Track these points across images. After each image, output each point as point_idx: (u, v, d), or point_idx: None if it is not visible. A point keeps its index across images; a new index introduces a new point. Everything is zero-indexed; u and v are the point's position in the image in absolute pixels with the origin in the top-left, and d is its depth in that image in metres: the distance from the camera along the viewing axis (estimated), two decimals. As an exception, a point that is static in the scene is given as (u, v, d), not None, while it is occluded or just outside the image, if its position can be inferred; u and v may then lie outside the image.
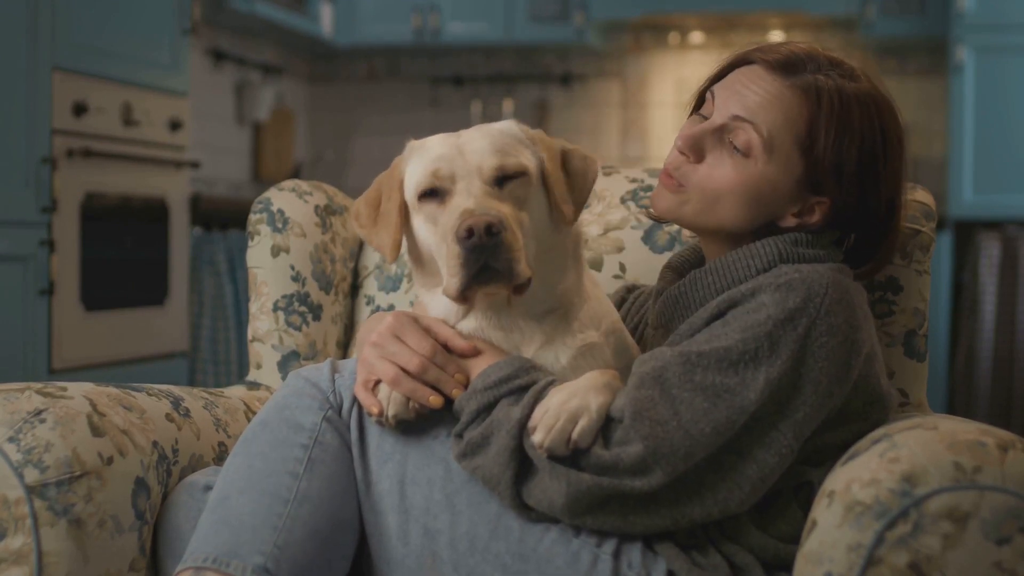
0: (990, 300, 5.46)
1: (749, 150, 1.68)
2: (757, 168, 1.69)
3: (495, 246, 1.55)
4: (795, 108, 1.68)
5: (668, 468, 1.51)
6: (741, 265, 1.70)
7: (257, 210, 2.25)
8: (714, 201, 1.71)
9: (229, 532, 1.55)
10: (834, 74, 1.70)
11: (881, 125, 1.71)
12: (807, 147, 1.68)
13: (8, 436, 1.62)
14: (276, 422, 1.65)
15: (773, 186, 1.69)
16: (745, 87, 1.72)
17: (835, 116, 1.67)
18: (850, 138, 1.68)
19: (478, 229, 1.54)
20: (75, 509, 1.61)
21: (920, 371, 1.98)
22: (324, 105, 7.38)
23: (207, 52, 6.08)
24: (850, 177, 1.68)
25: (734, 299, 1.62)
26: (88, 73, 4.16)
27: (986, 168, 5.56)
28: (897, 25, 6.18)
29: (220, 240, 5.07)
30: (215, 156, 6.04)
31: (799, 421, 1.56)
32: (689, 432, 1.52)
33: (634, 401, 1.54)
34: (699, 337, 1.61)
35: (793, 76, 1.70)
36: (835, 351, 1.57)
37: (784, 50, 1.73)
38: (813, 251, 1.70)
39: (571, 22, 6.57)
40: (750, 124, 1.69)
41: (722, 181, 1.70)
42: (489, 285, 1.58)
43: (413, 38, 6.76)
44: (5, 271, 3.80)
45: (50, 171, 3.93)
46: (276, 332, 2.21)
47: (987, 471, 1.43)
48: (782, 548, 1.61)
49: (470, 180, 1.62)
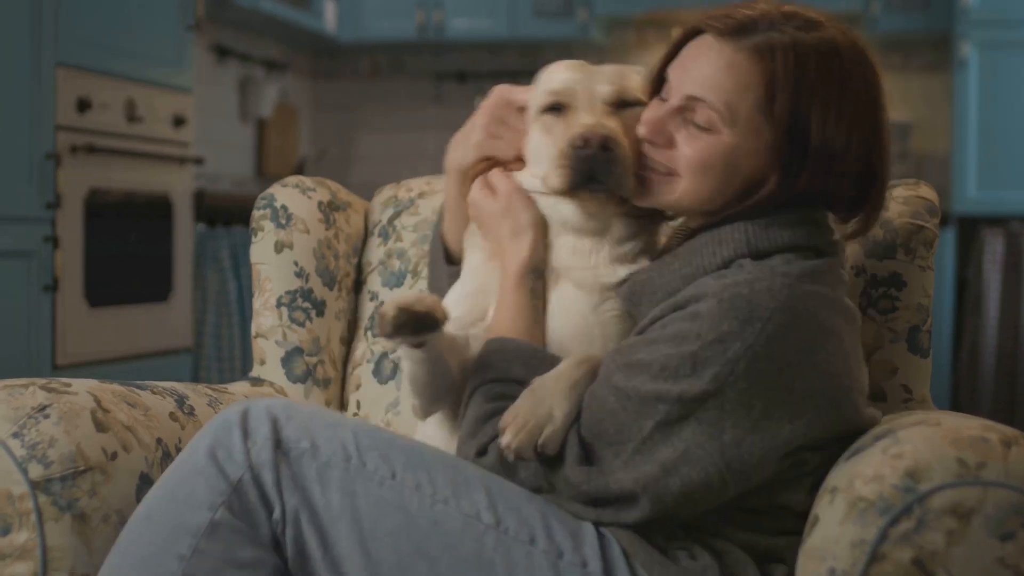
0: (994, 296, 5.46)
1: (712, 125, 1.63)
2: (724, 140, 1.63)
3: (606, 160, 1.68)
4: (749, 73, 1.62)
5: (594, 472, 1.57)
6: (707, 252, 1.65)
7: (261, 206, 2.25)
8: (701, 177, 1.65)
9: None
10: (789, 28, 1.63)
11: (843, 67, 1.63)
12: (768, 111, 1.62)
13: (12, 432, 1.62)
14: (160, 519, 1.52)
15: (747, 154, 1.63)
16: (695, 61, 1.66)
17: (791, 72, 1.60)
18: (808, 90, 1.61)
19: (594, 140, 1.67)
20: (79, 504, 1.62)
21: (924, 367, 1.97)
22: (328, 101, 7.38)
23: (211, 48, 6.08)
24: (814, 129, 1.61)
25: (678, 304, 1.60)
26: (92, 69, 4.16)
27: (990, 164, 5.56)
28: (901, 21, 6.17)
29: (224, 236, 5.07)
30: (219, 152, 6.04)
31: (727, 443, 1.52)
32: (602, 429, 1.57)
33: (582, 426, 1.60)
34: (634, 340, 1.62)
35: (744, 39, 1.63)
36: (773, 376, 1.52)
37: (736, 14, 1.65)
38: (788, 232, 1.64)
39: (575, 18, 6.57)
40: (704, 102, 1.63)
41: (700, 156, 1.64)
42: (594, 192, 1.70)
43: (417, 34, 6.76)
44: (9, 267, 3.80)
45: (54, 167, 3.94)
46: (280, 328, 2.21)
47: (991, 467, 1.43)
48: (773, 541, 1.60)
49: (592, 100, 1.75)
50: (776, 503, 1.60)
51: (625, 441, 1.55)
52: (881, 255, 1.96)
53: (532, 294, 1.76)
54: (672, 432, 1.53)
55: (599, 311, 1.76)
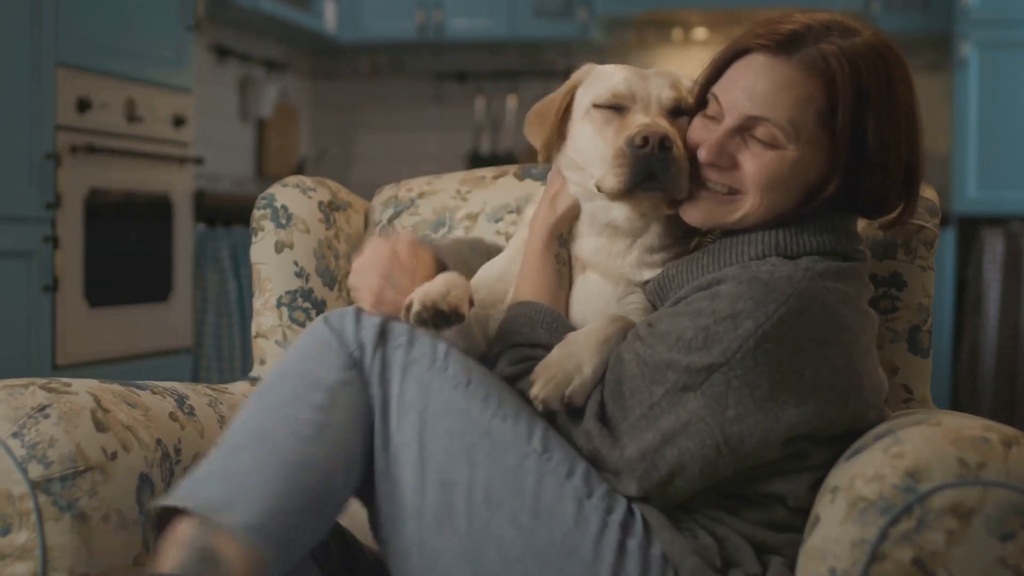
0: (994, 296, 5.46)
1: (775, 141, 1.65)
2: (789, 155, 1.65)
3: (664, 159, 1.69)
4: (809, 87, 1.64)
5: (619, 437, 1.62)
6: (737, 251, 1.69)
7: (261, 206, 2.25)
8: (770, 192, 1.67)
9: (227, 485, 1.53)
10: (834, 37, 1.66)
11: (887, 71, 1.66)
12: (828, 119, 1.64)
13: (12, 431, 1.62)
14: (294, 375, 1.63)
15: (809, 167, 1.66)
16: (749, 80, 1.68)
17: (848, 81, 1.63)
18: (867, 96, 1.64)
19: (654, 139, 1.69)
20: (79, 504, 1.62)
21: (924, 367, 1.98)
22: (328, 101, 7.38)
23: (211, 48, 6.08)
24: (871, 133, 1.64)
25: (701, 285, 1.64)
26: (92, 69, 4.16)
27: (990, 164, 5.56)
28: (901, 21, 6.16)
29: (224, 236, 5.07)
30: (219, 152, 6.04)
31: (729, 419, 1.55)
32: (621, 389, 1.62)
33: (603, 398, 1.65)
34: (661, 312, 1.67)
35: (795, 53, 1.65)
36: (782, 359, 1.55)
37: (781, 29, 1.68)
38: (817, 238, 1.67)
39: (575, 18, 6.56)
40: (766, 120, 1.65)
41: (768, 173, 1.66)
42: (650, 191, 1.71)
43: (417, 34, 6.75)
44: (9, 267, 3.80)
45: (54, 167, 3.93)
46: (280, 328, 2.21)
47: (991, 467, 1.44)
48: (770, 536, 1.61)
49: (648, 103, 1.77)
50: (769, 491, 1.62)
51: (635, 406, 1.60)
52: (881, 255, 1.96)
53: (558, 259, 1.81)
54: (678, 401, 1.57)
55: (623, 302, 1.79)
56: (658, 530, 1.57)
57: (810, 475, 1.61)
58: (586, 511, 1.57)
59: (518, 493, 1.58)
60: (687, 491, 1.60)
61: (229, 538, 1.48)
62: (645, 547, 1.56)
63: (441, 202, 2.31)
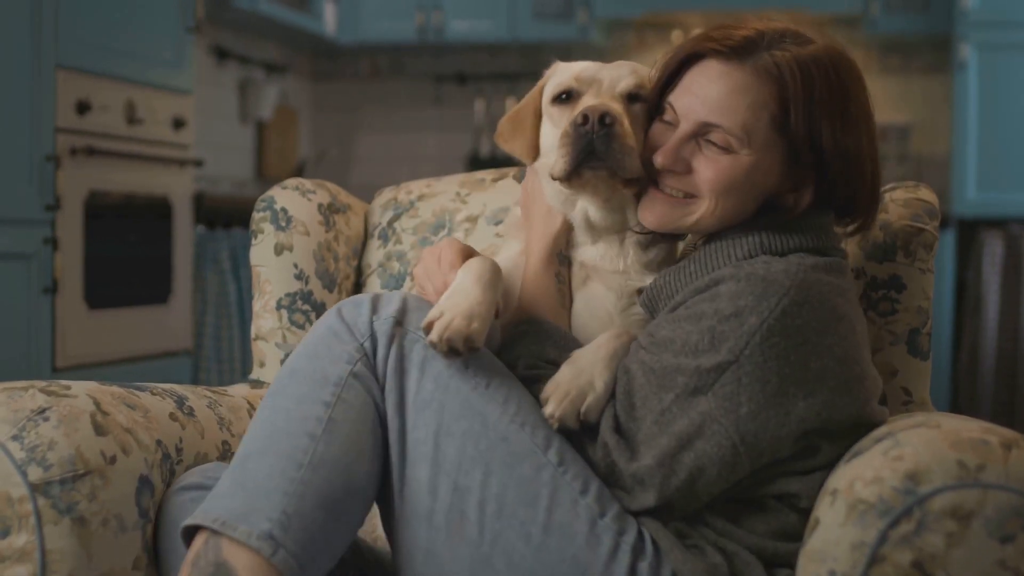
0: (993, 298, 5.46)
1: (729, 146, 1.67)
2: (743, 159, 1.67)
3: (605, 136, 1.69)
4: (763, 93, 1.66)
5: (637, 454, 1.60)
6: (723, 254, 1.70)
7: (260, 208, 2.25)
8: (724, 197, 1.69)
9: (243, 495, 1.54)
10: (788, 44, 1.68)
11: (840, 78, 1.68)
12: (783, 125, 1.67)
13: (12, 434, 1.62)
14: (304, 372, 1.63)
15: (764, 171, 1.68)
16: (702, 87, 1.70)
17: (800, 86, 1.65)
18: (818, 102, 1.65)
19: (593, 115, 1.69)
20: (79, 507, 1.62)
21: (924, 369, 1.98)
22: (328, 103, 7.38)
23: (211, 50, 6.08)
24: (826, 139, 1.66)
25: (699, 288, 1.64)
26: (92, 71, 4.16)
27: (990, 166, 5.56)
28: (901, 23, 6.17)
29: (224, 238, 5.07)
30: (219, 154, 6.04)
31: (743, 416, 1.55)
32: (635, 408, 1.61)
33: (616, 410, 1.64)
34: (660, 320, 1.67)
35: (749, 59, 1.68)
36: (788, 352, 1.56)
37: (735, 35, 1.70)
38: (799, 236, 1.69)
39: (574, 20, 6.57)
40: (719, 127, 1.67)
41: (722, 178, 1.68)
42: (595, 170, 1.71)
43: (416, 36, 6.76)
44: (9, 269, 3.80)
45: (54, 169, 3.93)
46: (279, 330, 2.21)
47: (991, 469, 1.44)
48: (780, 546, 1.61)
49: (601, 89, 1.78)
50: (783, 492, 1.62)
51: (647, 414, 1.59)
52: (881, 258, 1.96)
53: (558, 278, 1.81)
54: (690, 405, 1.57)
55: (626, 314, 1.80)
56: (668, 551, 1.57)
57: (822, 474, 1.61)
58: (598, 530, 1.56)
59: (531, 505, 1.57)
60: (707, 495, 1.60)
61: (244, 549, 1.50)
62: (656, 568, 1.56)
63: (441, 204, 2.31)
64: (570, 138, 1.71)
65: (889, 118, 6.32)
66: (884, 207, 1.97)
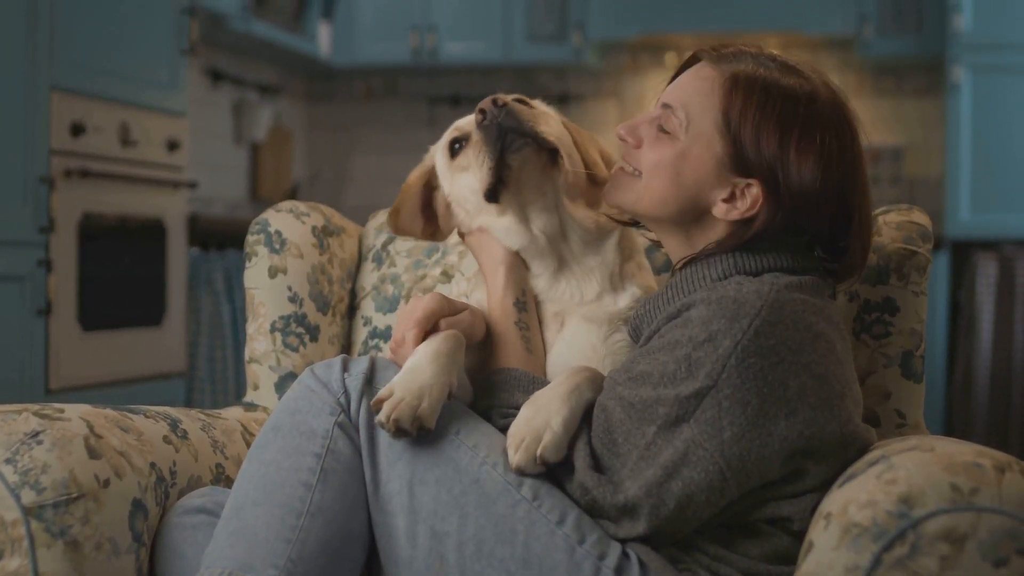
0: (987, 320, 5.46)
1: (673, 130, 1.71)
2: (678, 145, 1.70)
3: (507, 112, 1.75)
4: (715, 92, 1.70)
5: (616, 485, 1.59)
6: (697, 277, 1.71)
7: (255, 231, 2.25)
8: (655, 178, 1.72)
9: (244, 545, 1.56)
10: (772, 69, 1.70)
11: (813, 116, 1.67)
12: (724, 128, 1.68)
13: (5, 457, 1.62)
14: (288, 428, 1.65)
15: (693, 163, 1.70)
16: (681, 79, 1.76)
17: (754, 102, 1.67)
18: (772, 127, 1.65)
19: (485, 105, 1.75)
20: (72, 531, 1.61)
21: (917, 392, 1.98)
22: (322, 124, 7.39)
23: (205, 72, 6.09)
24: (772, 162, 1.65)
25: (671, 315, 1.65)
26: (86, 93, 4.17)
27: (983, 188, 5.57)
28: (894, 45, 6.19)
29: (218, 260, 5.07)
30: (213, 176, 6.05)
31: (727, 440, 1.54)
32: (615, 442, 1.60)
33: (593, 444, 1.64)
34: (636, 353, 1.67)
35: (727, 65, 1.72)
36: (766, 372, 1.55)
37: (729, 45, 1.77)
38: (773, 256, 1.69)
39: (568, 42, 6.59)
40: (671, 108, 1.72)
41: (656, 157, 1.72)
42: (519, 150, 1.76)
43: (411, 58, 6.77)
44: (2, 291, 3.80)
45: (48, 191, 3.94)
46: (273, 353, 2.21)
47: (984, 492, 1.43)
48: (774, 570, 1.60)
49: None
50: (775, 516, 1.61)
51: (631, 450, 1.58)
52: (874, 280, 1.96)
53: (518, 327, 1.81)
54: (672, 434, 1.56)
55: (608, 342, 1.81)
56: (657, 573, 1.56)
57: (812, 496, 1.60)
58: (577, 558, 1.56)
59: (508, 542, 1.57)
60: (697, 521, 1.59)
61: None
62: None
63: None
64: (481, 138, 1.77)
65: (882, 140, 6.34)
66: (877, 229, 1.97)
